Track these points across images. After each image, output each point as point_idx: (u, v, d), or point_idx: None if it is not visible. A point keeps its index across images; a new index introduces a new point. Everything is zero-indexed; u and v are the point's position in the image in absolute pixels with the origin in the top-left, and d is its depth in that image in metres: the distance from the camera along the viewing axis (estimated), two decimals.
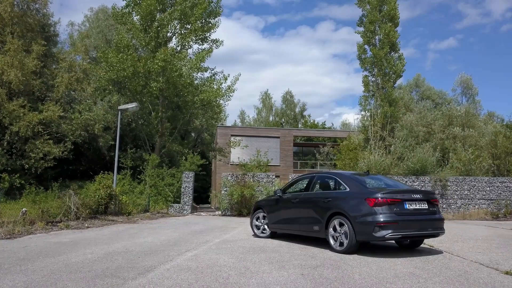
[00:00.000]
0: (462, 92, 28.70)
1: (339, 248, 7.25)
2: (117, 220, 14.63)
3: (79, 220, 12.87)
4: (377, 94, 24.08)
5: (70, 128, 20.89)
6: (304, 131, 42.43)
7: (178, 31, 24.27)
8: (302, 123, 61.20)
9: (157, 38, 22.83)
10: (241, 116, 64.61)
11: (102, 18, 28.07)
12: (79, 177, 27.92)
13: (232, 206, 19.95)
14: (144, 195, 20.82)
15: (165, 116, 23.70)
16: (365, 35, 24.50)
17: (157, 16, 23.24)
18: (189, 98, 21.95)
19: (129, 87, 22.20)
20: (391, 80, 24.21)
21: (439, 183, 20.69)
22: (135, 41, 23.50)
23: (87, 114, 20.97)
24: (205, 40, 24.93)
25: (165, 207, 20.46)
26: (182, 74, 21.32)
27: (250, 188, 19.74)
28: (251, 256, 6.91)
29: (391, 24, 24.26)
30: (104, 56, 21.20)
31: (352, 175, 8.14)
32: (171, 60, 21.24)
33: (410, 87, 32.75)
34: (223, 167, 30.29)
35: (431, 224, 7.19)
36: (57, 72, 21.68)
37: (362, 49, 24.96)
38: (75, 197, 13.05)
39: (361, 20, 25.27)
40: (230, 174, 20.89)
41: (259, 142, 35.14)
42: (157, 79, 21.58)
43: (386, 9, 24.44)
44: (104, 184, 15.21)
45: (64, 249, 7.58)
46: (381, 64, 24.10)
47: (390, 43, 24.00)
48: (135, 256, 6.88)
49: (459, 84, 27.69)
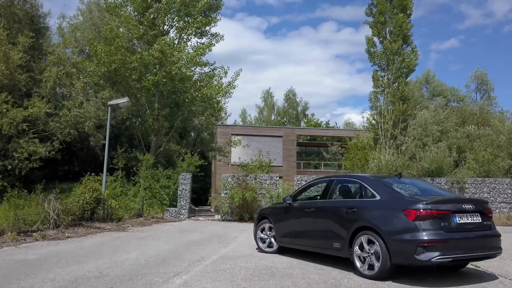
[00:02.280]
0: (476, 88, 27.13)
1: (368, 272, 5.72)
2: (105, 227, 13.10)
3: (59, 228, 11.34)
4: (387, 90, 22.53)
5: (59, 126, 19.38)
6: (307, 130, 40.88)
7: (175, 23, 22.76)
8: (304, 122, 59.72)
9: (153, 29, 21.30)
10: (243, 115, 63.09)
11: (95, 10, 26.52)
12: (71, 178, 26.36)
13: (233, 210, 18.43)
14: (138, 198, 19.33)
15: (161, 114, 22.16)
16: (374, 26, 22.95)
17: (153, 6, 21.72)
18: (188, 94, 20.41)
19: (122, 81, 20.67)
20: (403, 75, 22.67)
21: (456, 185, 19.15)
22: (127, 33, 21.93)
23: (76, 111, 19.45)
24: (204, 34, 23.42)
25: (161, 211, 18.92)
26: (180, 67, 19.77)
27: (252, 190, 18.22)
28: (257, 284, 5.38)
29: (403, 15, 22.70)
30: (93, 49, 19.69)
31: (382, 179, 6.58)
32: (169, 51, 19.70)
33: (420, 83, 31.08)
34: (223, 167, 28.77)
35: (487, 242, 5.64)
36: (45, 66, 20.16)
37: (371, 42, 23.40)
38: (56, 202, 11.52)
39: (370, 9, 23.71)
40: (231, 176, 19.37)
41: (261, 141, 33.63)
42: (153, 72, 20.05)
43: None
44: (91, 187, 13.69)
45: (22, 272, 6.05)
46: (392, 58, 22.55)
47: (403, 35, 22.45)
48: (107, 285, 5.35)
49: (473, 80, 26.18)
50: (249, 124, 57.57)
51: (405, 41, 22.85)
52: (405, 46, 22.96)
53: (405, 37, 22.77)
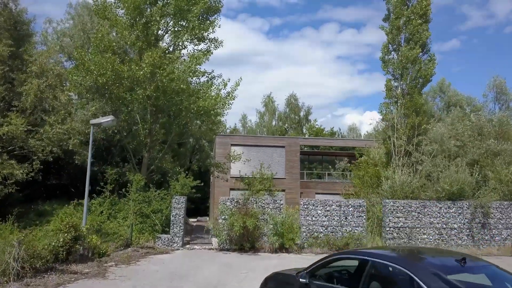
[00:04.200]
0: (494, 98, 25.32)
1: None
2: (82, 270, 11.24)
3: (23, 281, 9.48)
4: (401, 101, 20.68)
5: (39, 144, 17.53)
6: (311, 140, 38.94)
7: (171, 28, 20.92)
8: (307, 128, 57.90)
9: (146, 35, 19.47)
10: (243, 120, 61.28)
11: (84, 14, 24.66)
12: (58, 194, 24.54)
13: (232, 238, 16.57)
14: (127, 222, 17.48)
15: (154, 128, 20.34)
16: (390, 32, 21.12)
17: (147, 11, 19.88)
18: (183, 106, 18.57)
19: (112, 92, 18.84)
20: (418, 85, 20.82)
21: (480, 210, 17.32)
22: (119, 38, 20.05)
23: (59, 127, 17.59)
24: (202, 40, 21.58)
25: (152, 238, 17.08)
26: (173, 78, 17.92)
27: (254, 217, 16.37)
28: None
29: (422, 21, 20.89)
30: (80, 59, 17.86)
31: (439, 271, 4.60)
32: (160, 64, 17.86)
33: (434, 93, 29.12)
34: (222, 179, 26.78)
35: None
36: (26, 77, 18.32)
37: (386, 49, 21.59)
38: (20, 248, 9.66)
39: (388, 15, 21.92)
40: (229, 199, 17.51)
41: (262, 152, 31.73)
42: (143, 86, 18.22)
43: (416, 3, 21.07)
44: (67, 224, 11.80)
45: None
46: (407, 66, 20.72)
47: (421, 42, 20.62)
48: None
49: (491, 89, 24.39)
50: (249, 130, 55.74)
51: (422, 49, 21.06)
52: (421, 55, 21.15)
53: (423, 45, 20.97)
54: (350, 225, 17.01)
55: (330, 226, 16.98)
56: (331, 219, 17.05)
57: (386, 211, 17.15)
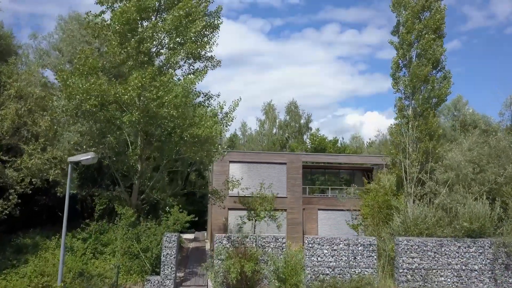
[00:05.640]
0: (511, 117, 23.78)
1: None
2: None
3: None
4: (413, 122, 19.04)
5: (17, 175, 15.91)
6: (314, 156, 37.26)
7: (166, 45, 19.21)
8: (308, 137, 56.29)
9: (138, 53, 17.80)
10: (243, 128, 59.63)
11: (74, 28, 22.97)
12: (44, 220, 22.88)
13: (229, 284, 14.94)
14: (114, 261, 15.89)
15: (145, 153, 18.70)
16: (400, 47, 19.49)
17: (139, 27, 18.18)
18: (175, 134, 16.92)
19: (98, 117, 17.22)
20: (432, 106, 19.18)
21: (503, 249, 15.66)
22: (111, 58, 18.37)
23: (39, 157, 15.96)
24: (198, 58, 19.94)
25: (140, 280, 15.49)
26: (163, 104, 16.25)
27: (253, 259, 14.76)
28: None
29: (435, 36, 19.26)
30: (62, 81, 16.23)
31: None
32: (149, 87, 16.18)
33: (448, 111, 27.29)
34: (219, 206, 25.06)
35: None
36: (3, 101, 16.69)
37: (396, 65, 19.94)
38: None
39: (397, 28, 20.27)
40: (226, 237, 15.87)
41: (263, 169, 30.08)
42: (131, 110, 16.57)
43: (429, 16, 19.44)
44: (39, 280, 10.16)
45: None
46: (418, 85, 19.10)
47: (434, 59, 18.99)
48: None
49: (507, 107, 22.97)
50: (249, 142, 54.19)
51: (436, 66, 19.41)
52: (435, 72, 19.51)
53: (436, 62, 19.32)
54: (360, 266, 15.38)
55: (337, 267, 15.34)
56: (339, 259, 15.42)
57: (399, 251, 15.51)
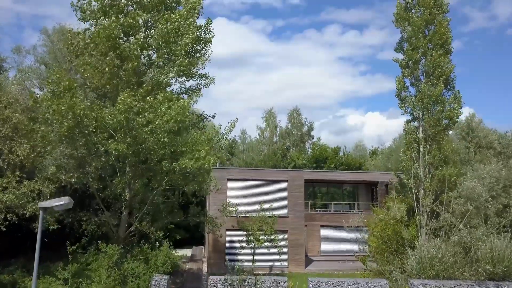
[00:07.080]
0: None
1: None
2: None
3: None
4: (424, 147, 17.50)
5: None
6: (318, 173, 35.63)
7: (154, 62, 17.69)
8: (310, 145, 54.81)
9: (122, 72, 16.30)
10: (242, 136, 58.10)
11: (57, 41, 21.52)
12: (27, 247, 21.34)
13: None
14: None
15: (133, 182, 17.14)
16: (406, 65, 17.98)
17: (121, 44, 16.67)
18: (165, 163, 15.32)
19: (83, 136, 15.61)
20: (443, 129, 17.63)
21: None
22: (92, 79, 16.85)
23: (13, 191, 14.41)
24: (190, 76, 18.41)
25: None
26: (154, 129, 14.71)
27: None
28: None
29: (443, 52, 17.72)
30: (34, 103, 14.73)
31: None
32: (138, 110, 14.68)
33: (461, 130, 25.46)
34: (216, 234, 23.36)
35: None
36: None
37: (402, 84, 18.43)
38: None
39: (400, 44, 18.74)
40: (222, 281, 14.29)
41: (262, 187, 28.55)
42: (118, 135, 15.05)
43: (435, 31, 17.89)
44: None
45: None
46: (429, 107, 17.56)
47: (444, 77, 17.46)
48: None
49: None
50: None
51: (446, 85, 17.87)
52: (445, 92, 17.97)
53: (446, 80, 17.78)
54: None
55: None
56: None
57: None
